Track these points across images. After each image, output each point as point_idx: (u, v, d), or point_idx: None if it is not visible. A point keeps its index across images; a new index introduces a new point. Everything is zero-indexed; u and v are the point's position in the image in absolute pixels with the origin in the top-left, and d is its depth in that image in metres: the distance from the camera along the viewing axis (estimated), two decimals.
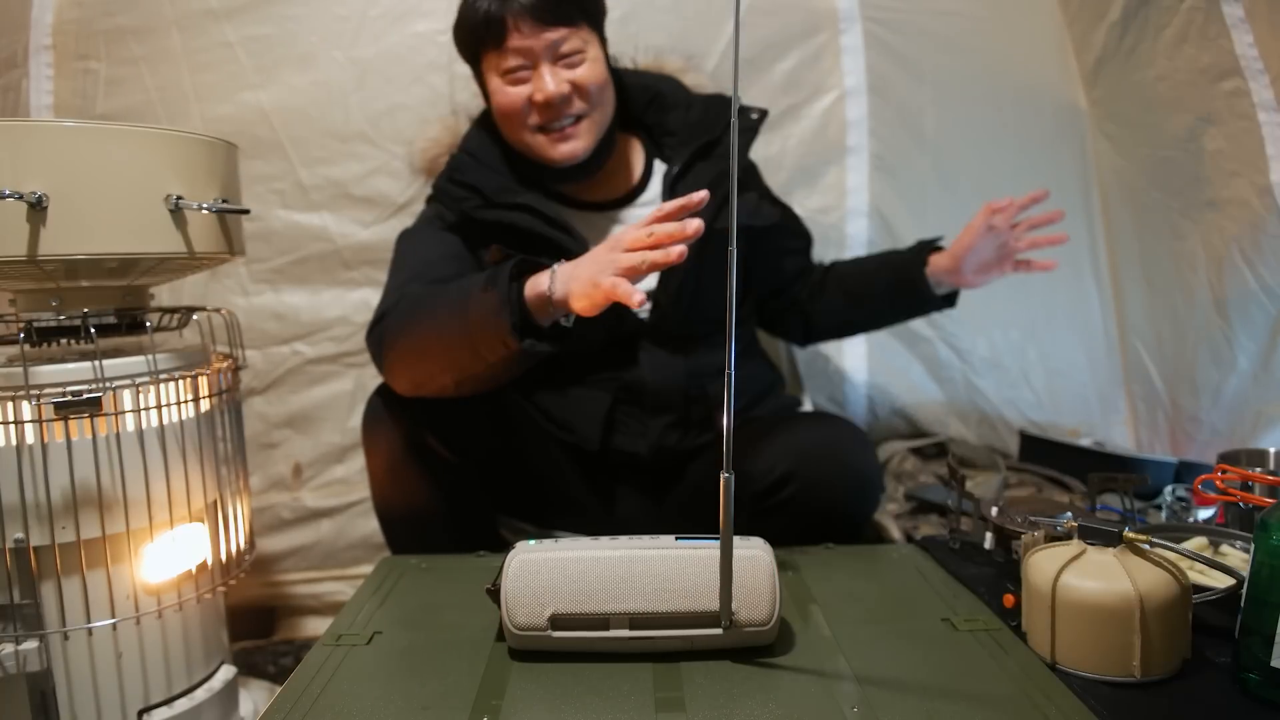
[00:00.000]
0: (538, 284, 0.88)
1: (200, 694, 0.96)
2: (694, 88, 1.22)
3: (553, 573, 0.67)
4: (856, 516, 1.03)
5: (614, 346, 1.10)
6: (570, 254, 1.03)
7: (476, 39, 1.04)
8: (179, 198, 0.86)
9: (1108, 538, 0.69)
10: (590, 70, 1.04)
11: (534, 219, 1.06)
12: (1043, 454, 1.45)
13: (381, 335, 0.99)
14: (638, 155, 1.18)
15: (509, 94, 1.04)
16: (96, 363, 0.85)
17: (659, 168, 1.17)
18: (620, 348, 1.10)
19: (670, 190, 1.11)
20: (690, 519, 1.04)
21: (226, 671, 1.01)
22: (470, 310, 0.89)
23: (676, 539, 0.70)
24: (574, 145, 1.06)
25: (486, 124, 1.14)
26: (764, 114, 1.15)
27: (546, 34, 1.01)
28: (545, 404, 1.13)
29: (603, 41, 1.10)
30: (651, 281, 1.09)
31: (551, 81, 1.01)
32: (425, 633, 0.75)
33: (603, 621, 0.67)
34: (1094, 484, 1.00)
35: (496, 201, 1.07)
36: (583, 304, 0.84)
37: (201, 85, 1.38)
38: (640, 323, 1.10)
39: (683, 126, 1.15)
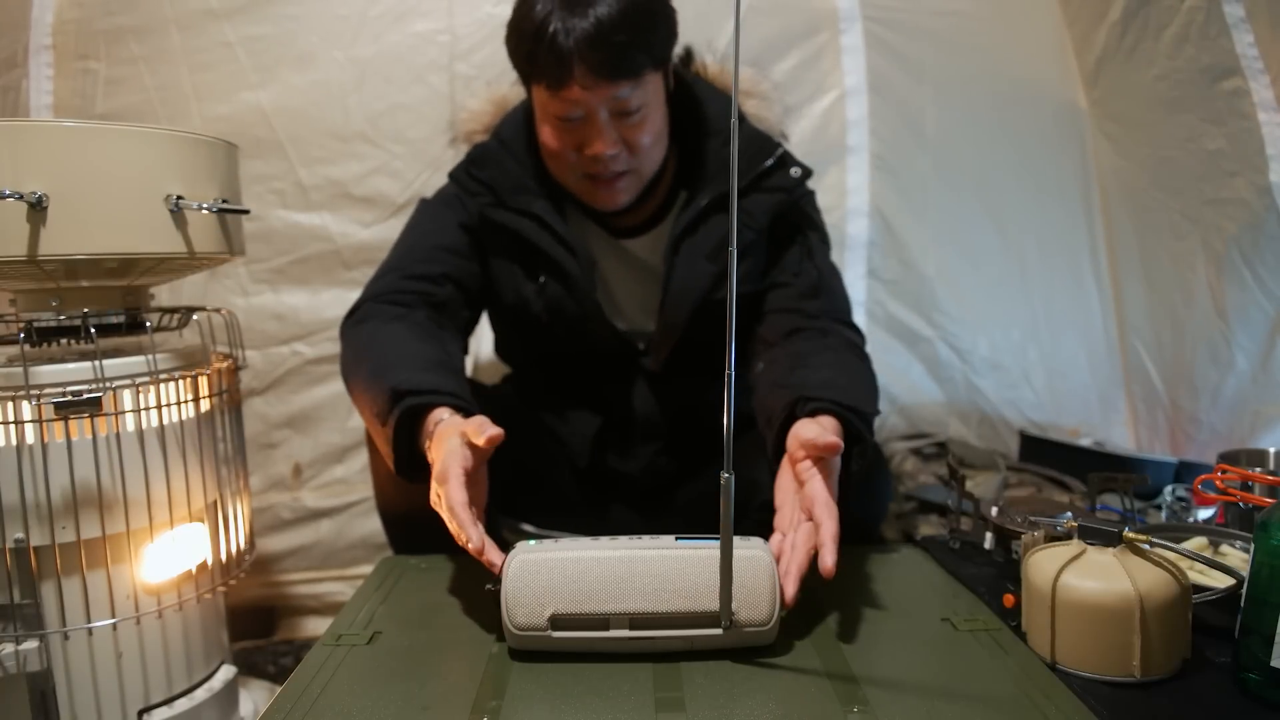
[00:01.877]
0: (417, 436, 0.83)
1: (200, 694, 0.96)
2: (754, 117, 1.07)
3: (553, 573, 0.67)
4: (863, 524, 1.02)
5: (612, 371, 1.09)
6: (570, 275, 1.02)
7: (531, 68, 0.94)
8: (179, 198, 0.86)
9: (1108, 538, 0.69)
10: (647, 125, 0.97)
11: (540, 231, 1.02)
12: (1043, 454, 1.45)
13: (342, 334, 1.01)
14: (664, 180, 1.08)
15: (556, 137, 0.97)
16: (96, 363, 0.84)
17: (681, 197, 1.08)
18: (618, 374, 1.10)
19: (674, 245, 1.02)
20: (691, 520, 1.04)
21: (226, 671, 1.01)
22: (374, 422, 0.86)
23: (676, 539, 0.70)
24: (614, 197, 1.01)
25: (527, 112, 1.05)
26: (807, 173, 1.04)
27: (608, 89, 0.92)
28: (544, 416, 1.13)
29: (667, 74, 1.01)
30: (648, 324, 1.07)
31: (603, 141, 0.94)
32: (425, 633, 0.75)
33: (603, 622, 0.67)
34: (1094, 484, 1.00)
35: (508, 204, 1.03)
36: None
37: (201, 85, 1.38)
38: (638, 354, 1.09)
39: (715, 159, 1.03)
